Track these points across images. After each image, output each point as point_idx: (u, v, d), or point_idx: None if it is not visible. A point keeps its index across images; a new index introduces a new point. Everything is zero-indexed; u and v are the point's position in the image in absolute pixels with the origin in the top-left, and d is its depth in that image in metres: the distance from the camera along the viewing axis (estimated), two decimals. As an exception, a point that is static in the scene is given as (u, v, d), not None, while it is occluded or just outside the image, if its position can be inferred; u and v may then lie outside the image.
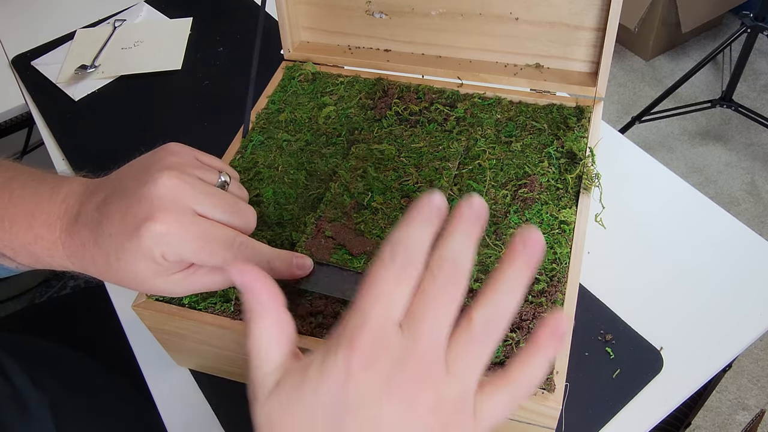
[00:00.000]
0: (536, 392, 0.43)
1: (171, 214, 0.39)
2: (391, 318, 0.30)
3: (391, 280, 0.30)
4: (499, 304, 0.31)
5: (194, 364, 0.58)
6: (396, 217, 0.53)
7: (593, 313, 0.58)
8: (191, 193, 0.41)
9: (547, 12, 0.61)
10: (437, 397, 0.29)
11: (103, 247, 0.40)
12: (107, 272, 0.41)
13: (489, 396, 0.31)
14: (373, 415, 0.29)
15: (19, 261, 0.43)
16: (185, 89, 0.88)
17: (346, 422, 0.29)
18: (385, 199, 0.54)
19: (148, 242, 0.38)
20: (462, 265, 0.31)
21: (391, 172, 0.57)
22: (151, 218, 0.39)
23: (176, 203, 0.40)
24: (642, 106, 1.87)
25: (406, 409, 0.29)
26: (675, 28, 2.10)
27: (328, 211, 0.54)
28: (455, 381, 0.30)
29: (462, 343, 0.30)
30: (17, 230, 0.42)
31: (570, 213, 0.53)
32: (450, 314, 0.30)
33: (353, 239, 0.51)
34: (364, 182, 0.56)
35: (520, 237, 0.32)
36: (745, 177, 1.84)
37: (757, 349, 1.46)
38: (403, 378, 0.29)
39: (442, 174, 0.56)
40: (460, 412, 0.30)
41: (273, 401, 0.30)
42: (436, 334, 0.30)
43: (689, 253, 0.63)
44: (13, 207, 0.42)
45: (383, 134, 0.61)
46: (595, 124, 0.60)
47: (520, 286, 0.31)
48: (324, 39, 0.71)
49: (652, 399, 0.53)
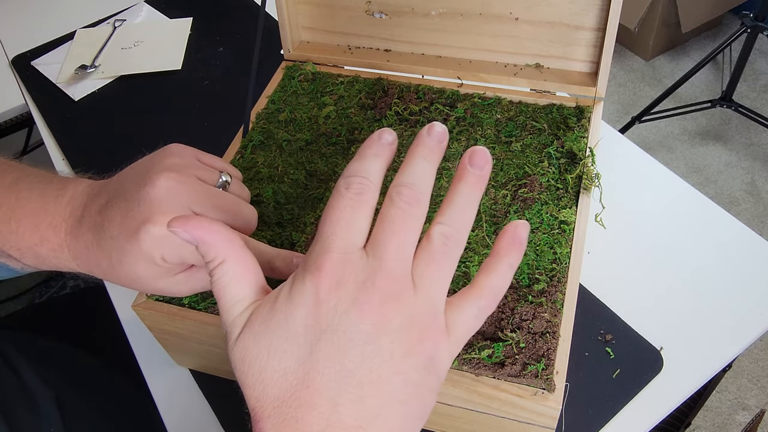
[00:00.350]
0: (536, 392, 0.43)
1: (169, 216, 0.39)
2: (353, 243, 0.31)
3: (348, 207, 0.31)
4: (454, 220, 0.32)
5: (194, 364, 0.58)
6: None
7: (593, 313, 0.58)
8: (189, 194, 0.41)
9: (547, 12, 0.61)
10: (407, 313, 0.30)
11: (106, 250, 0.40)
12: (111, 274, 0.41)
13: (458, 308, 0.32)
14: (346, 336, 0.29)
15: (25, 262, 0.43)
16: (185, 89, 0.88)
17: (320, 345, 0.29)
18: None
19: (147, 245, 0.38)
20: (420, 188, 0.32)
21: (391, 173, 0.57)
22: (149, 221, 0.39)
23: (174, 205, 0.40)
24: (642, 106, 1.87)
25: (377, 327, 0.29)
26: (675, 28, 2.10)
27: None
28: (423, 297, 0.31)
29: (425, 260, 0.31)
30: (23, 232, 0.42)
31: (570, 213, 0.53)
32: (412, 235, 0.31)
33: None
34: None
35: (467, 156, 0.33)
36: (745, 177, 1.84)
37: (757, 349, 1.46)
38: (371, 297, 0.29)
39: (442, 174, 0.56)
40: (432, 327, 0.31)
41: (246, 336, 0.31)
42: (400, 255, 0.31)
43: (689, 253, 0.63)
44: (20, 208, 0.42)
45: None
46: (595, 124, 0.60)
47: (473, 201, 0.33)
48: (324, 39, 0.71)
49: (652, 399, 0.53)
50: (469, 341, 0.45)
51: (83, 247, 0.41)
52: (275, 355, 0.29)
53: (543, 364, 0.43)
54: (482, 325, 0.46)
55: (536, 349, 0.44)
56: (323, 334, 0.29)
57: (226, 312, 0.32)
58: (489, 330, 0.46)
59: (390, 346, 0.29)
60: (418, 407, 0.31)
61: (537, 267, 0.50)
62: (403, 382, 0.30)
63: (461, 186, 0.33)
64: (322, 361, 0.29)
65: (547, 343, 0.45)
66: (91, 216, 0.41)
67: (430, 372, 0.31)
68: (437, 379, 0.31)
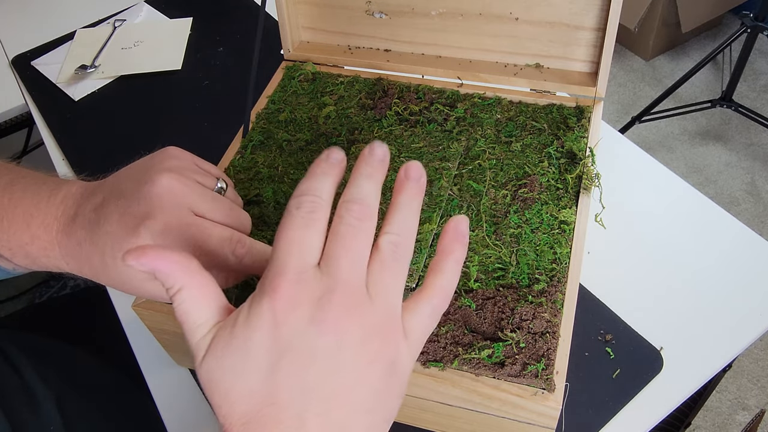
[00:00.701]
0: (536, 392, 0.43)
1: (169, 214, 0.39)
2: (307, 261, 0.31)
3: (300, 227, 0.32)
4: (401, 228, 0.33)
5: (194, 364, 0.58)
6: None
7: (593, 313, 0.58)
8: (190, 194, 0.41)
9: (547, 12, 0.61)
10: (366, 323, 0.31)
11: (99, 245, 0.40)
12: (102, 272, 0.41)
13: (413, 311, 0.33)
14: (308, 353, 0.30)
15: (15, 262, 0.43)
16: (185, 89, 0.88)
17: (282, 364, 0.29)
18: (385, 200, 0.54)
19: (145, 241, 0.38)
20: (368, 203, 0.33)
21: (391, 173, 0.57)
22: (150, 216, 0.39)
23: (175, 203, 0.40)
24: (642, 106, 1.87)
25: (337, 341, 0.30)
26: (675, 28, 2.10)
27: None
28: (380, 305, 0.32)
29: (377, 269, 0.32)
30: (15, 230, 0.42)
31: (570, 213, 0.53)
32: (363, 249, 0.32)
33: None
34: None
35: (403, 170, 0.34)
36: (745, 177, 1.84)
37: (757, 349, 1.46)
38: (328, 313, 0.30)
39: (442, 174, 0.56)
40: (390, 333, 0.32)
41: (209, 359, 0.31)
42: (353, 268, 0.31)
43: (689, 253, 0.63)
44: (13, 208, 0.42)
45: (383, 135, 0.61)
46: (595, 124, 0.60)
47: (414, 209, 0.34)
48: (324, 39, 0.71)
49: (652, 399, 0.53)
50: (469, 341, 0.45)
51: (75, 244, 0.41)
52: (239, 376, 0.30)
53: (543, 364, 0.43)
54: (482, 325, 0.46)
55: (536, 349, 0.44)
56: (284, 353, 0.29)
57: (189, 336, 0.33)
58: (489, 330, 0.46)
59: (352, 358, 0.30)
60: (384, 413, 0.31)
61: (537, 267, 0.50)
62: (368, 391, 0.30)
63: (402, 197, 0.34)
64: (285, 378, 0.29)
65: (547, 343, 0.45)
66: (86, 214, 0.41)
67: (392, 377, 0.31)
68: (400, 383, 0.32)
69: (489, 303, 0.47)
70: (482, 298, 0.48)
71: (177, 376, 0.59)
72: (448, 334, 0.46)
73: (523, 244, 0.51)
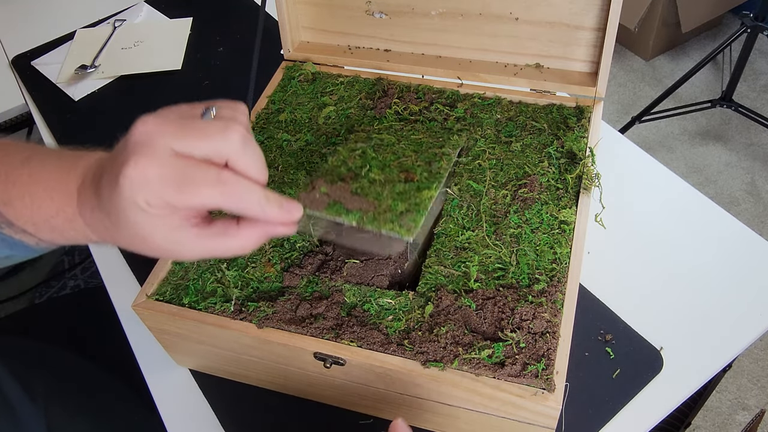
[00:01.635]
0: (536, 392, 0.43)
1: (145, 157, 0.38)
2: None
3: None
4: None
5: (194, 364, 0.58)
6: (395, 187, 0.51)
7: (593, 313, 0.58)
8: (168, 132, 0.39)
9: (547, 12, 0.61)
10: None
11: (105, 209, 0.40)
12: (116, 234, 0.41)
13: None
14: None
15: (40, 236, 0.43)
16: (185, 89, 0.88)
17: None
18: (384, 174, 0.53)
19: (127, 190, 0.37)
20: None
21: (390, 155, 0.56)
22: (124, 164, 0.38)
23: (152, 145, 0.38)
24: (642, 106, 1.87)
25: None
26: (675, 28, 2.10)
27: (325, 176, 0.52)
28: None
29: None
30: (39, 205, 0.42)
31: (570, 213, 0.53)
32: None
33: (349, 197, 0.50)
34: (363, 160, 0.54)
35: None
36: (745, 177, 1.84)
37: (757, 349, 1.46)
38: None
39: (442, 158, 0.55)
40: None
41: None
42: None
43: (689, 253, 0.63)
44: (34, 183, 0.42)
45: (383, 128, 0.61)
46: (595, 124, 0.60)
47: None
48: (324, 39, 0.71)
49: (652, 399, 0.53)
50: (470, 341, 0.45)
51: (89, 211, 0.41)
52: None
53: (543, 364, 0.43)
54: (483, 325, 0.46)
55: (536, 349, 0.44)
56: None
57: None
58: (489, 330, 0.46)
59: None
60: None
61: (537, 267, 0.50)
62: None
63: None
64: None
65: (547, 343, 0.45)
66: (95, 180, 0.41)
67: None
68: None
69: (489, 303, 0.47)
70: (482, 298, 0.48)
71: (177, 376, 0.59)
72: (448, 334, 0.46)
73: (523, 244, 0.51)
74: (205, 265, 0.53)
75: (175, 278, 0.52)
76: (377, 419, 0.53)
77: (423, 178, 0.52)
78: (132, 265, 0.67)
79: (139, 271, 0.66)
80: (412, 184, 0.51)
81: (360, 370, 0.47)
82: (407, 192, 0.50)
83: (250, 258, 0.53)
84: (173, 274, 0.53)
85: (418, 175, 0.52)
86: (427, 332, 0.46)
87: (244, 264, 0.53)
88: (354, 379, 0.48)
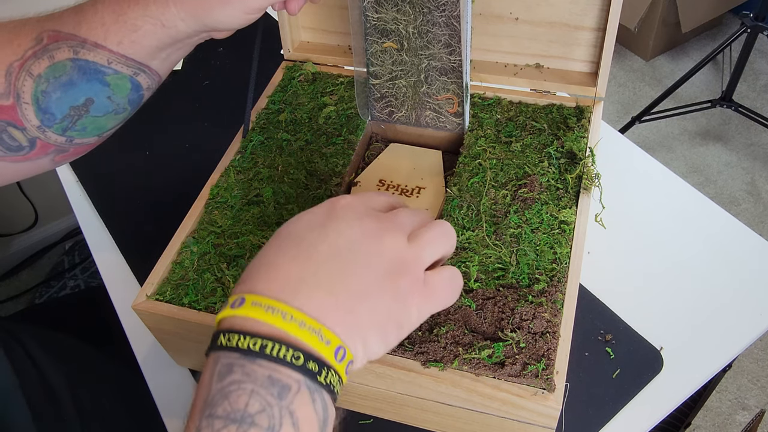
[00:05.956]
0: (536, 392, 0.43)
1: None
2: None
3: None
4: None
5: (194, 364, 0.58)
6: None
7: (593, 313, 0.58)
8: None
9: (547, 12, 0.61)
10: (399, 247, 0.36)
11: None
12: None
13: (437, 271, 0.38)
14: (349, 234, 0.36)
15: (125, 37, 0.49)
16: (185, 89, 0.88)
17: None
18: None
19: None
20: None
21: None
22: None
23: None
24: (642, 106, 1.87)
25: (377, 243, 0.36)
26: (675, 28, 2.09)
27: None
28: (413, 248, 0.37)
29: (422, 233, 0.38)
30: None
31: (570, 213, 0.53)
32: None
33: None
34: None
35: None
36: (745, 177, 1.84)
37: (757, 349, 1.46)
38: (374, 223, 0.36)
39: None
40: (414, 268, 0.36)
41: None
42: (404, 220, 0.38)
43: (689, 253, 0.63)
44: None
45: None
46: (595, 124, 0.60)
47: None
48: (324, 39, 0.71)
49: (652, 399, 0.53)
50: (470, 341, 0.45)
51: None
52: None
53: (543, 364, 0.43)
54: (483, 325, 0.46)
55: (536, 349, 0.44)
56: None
57: None
58: (489, 330, 0.46)
59: (379, 257, 0.36)
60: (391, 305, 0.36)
61: (537, 267, 0.50)
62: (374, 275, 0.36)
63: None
64: None
65: (547, 343, 0.45)
66: None
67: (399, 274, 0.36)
68: (409, 281, 0.36)
69: (489, 303, 0.47)
70: (482, 298, 0.48)
71: (177, 376, 0.59)
72: (448, 334, 0.46)
73: (523, 244, 0.51)
74: (205, 265, 0.53)
75: (175, 278, 0.52)
76: (377, 419, 0.53)
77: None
78: (132, 265, 0.67)
79: (139, 271, 0.66)
80: None
81: (360, 370, 0.47)
82: None
83: (250, 258, 0.53)
84: (173, 274, 0.53)
85: None
86: (427, 332, 0.46)
87: (244, 264, 0.53)
88: (354, 379, 0.48)
